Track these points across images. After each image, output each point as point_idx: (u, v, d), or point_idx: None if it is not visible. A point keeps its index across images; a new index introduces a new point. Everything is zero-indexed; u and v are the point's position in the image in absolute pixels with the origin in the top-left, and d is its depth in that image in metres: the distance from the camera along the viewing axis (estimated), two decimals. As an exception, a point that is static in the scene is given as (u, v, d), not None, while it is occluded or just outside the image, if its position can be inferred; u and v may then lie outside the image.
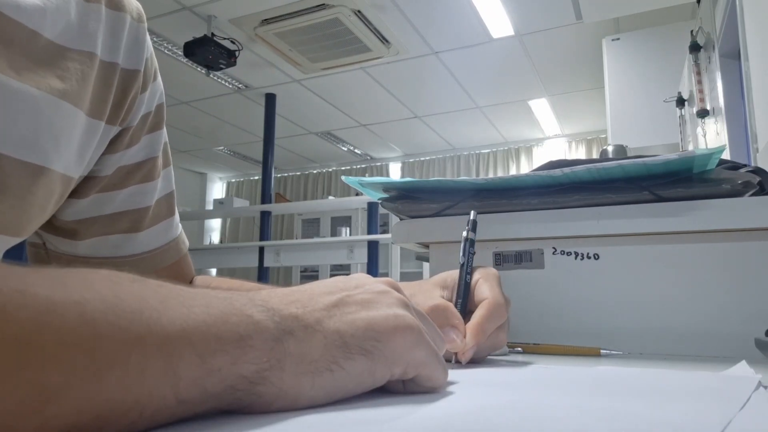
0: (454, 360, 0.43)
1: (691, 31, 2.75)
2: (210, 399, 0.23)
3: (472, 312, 0.45)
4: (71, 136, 0.39)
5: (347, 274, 0.34)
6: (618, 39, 3.40)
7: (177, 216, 0.54)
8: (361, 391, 0.28)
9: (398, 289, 0.33)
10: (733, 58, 2.22)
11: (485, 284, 0.46)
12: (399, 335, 0.29)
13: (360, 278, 0.33)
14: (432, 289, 0.48)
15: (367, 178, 0.66)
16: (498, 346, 0.46)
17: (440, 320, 0.43)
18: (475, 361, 0.45)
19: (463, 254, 0.48)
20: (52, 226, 0.47)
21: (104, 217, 0.47)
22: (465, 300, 0.46)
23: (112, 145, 0.45)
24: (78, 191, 0.45)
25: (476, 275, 0.48)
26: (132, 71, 0.45)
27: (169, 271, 0.53)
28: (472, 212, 0.52)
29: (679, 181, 0.56)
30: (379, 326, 0.29)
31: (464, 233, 0.50)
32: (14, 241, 0.38)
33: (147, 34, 0.47)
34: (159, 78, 0.50)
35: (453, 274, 0.49)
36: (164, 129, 0.52)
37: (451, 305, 0.45)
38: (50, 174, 0.38)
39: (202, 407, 0.23)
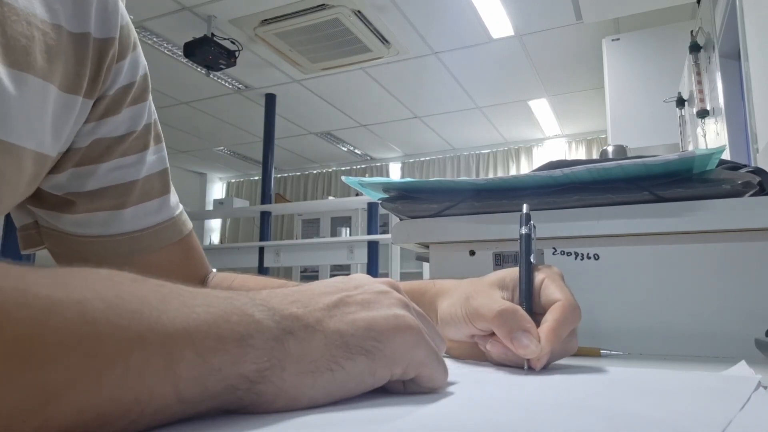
0: (526, 366, 0.40)
1: (691, 31, 2.75)
2: (211, 398, 0.23)
3: (536, 313, 0.42)
4: (43, 112, 0.38)
5: (347, 275, 0.34)
6: (618, 39, 3.40)
7: (174, 195, 0.52)
8: (362, 391, 0.28)
9: (398, 290, 0.33)
10: (733, 58, 2.22)
11: (553, 285, 0.43)
12: (399, 335, 0.29)
13: (360, 278, 0.33)
14: (491, 291, 0.45)
15: (367, 179, 0.66)
16: (569, 352, 0.42)
17: (510, 325, 0.39)
18: (544, 367, 0.41)
19: (523, 253, 0.45)
20: (40, 199, 0.46)
21: (86, 193, 0.45)
22: (530, 302, 0.43)
23: (89, 115, 0.43)
24: (53, 166, 0.43)
25: (540, 275, 0.44)
26: (105, 40, 0.43)
27: (171, 252, 0.50)
28: (525, 206, 0.48)
29: (679, 181, 0.56)
30: (379, 326, 0.29)
31: (521, 230, 0.47)
32: None
33: (120, 2, 0.45)
34: (139, 49, 0.48)
35: (511, 273, 0.46)
36: (150, 102, 0.49)
37: (520, 308, 0.41)
38: (20, 151, 0.36)
39: (202, 406, 0.23)
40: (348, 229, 5.48)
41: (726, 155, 1.38)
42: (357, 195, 5.28)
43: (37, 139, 0.38)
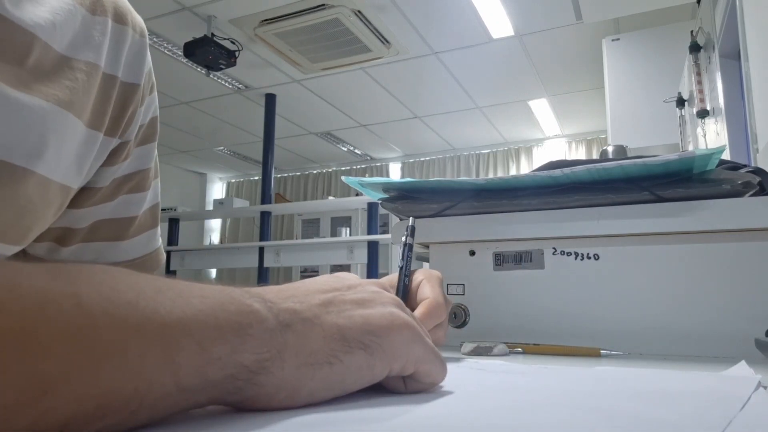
0: None
1: (691, 32, 2.75)
2: (211, 388, 0.23)
3: (413, 311, 0.45)
4: (71, 146, 0.39)
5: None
6: (618, 39, 3.40)
7: (159, 228, 0.54)
8: (361, 386, 0.28)
9: (387, 290, 0.34)
10: (733, 58, 2.22)
11: (428, 285, 0.47)
12: (396, 332, 0.30)
13: (351, 278, 0.33)
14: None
15: (367, 179, 0.66)
16: (437, 344, 0.46)
17: None
18: None
19: (402, 258, 0.49)
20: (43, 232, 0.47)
21: (88, 225, 0.47)
22: (404, 301, 0.47)
23: (111, 158, 0.45)
24: (74, 202, 0.45)
25: (420, 276, 0.48)
26: (131, 85, 0.45)
27: None
28: (411, 218, 0.53)
29: (679, 181, 0.56)
30: (376, 323, 0.29)
31: (403, 238, 0.51)
32: (14, 249, 0.38)
33: (148, 49, 0.47)
34: (155, 92, 0.50)
35: (395, 277, 0.49)
36: (156, 142, 0.52)
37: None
38: (49, 184, 0.38)
39: (203, 396, 0.23)
40: (348, 229, 5.47)
41: (726, 155, 1.38)
42: (357, 195, 5.28)
43: (64, 171, 0.39)
